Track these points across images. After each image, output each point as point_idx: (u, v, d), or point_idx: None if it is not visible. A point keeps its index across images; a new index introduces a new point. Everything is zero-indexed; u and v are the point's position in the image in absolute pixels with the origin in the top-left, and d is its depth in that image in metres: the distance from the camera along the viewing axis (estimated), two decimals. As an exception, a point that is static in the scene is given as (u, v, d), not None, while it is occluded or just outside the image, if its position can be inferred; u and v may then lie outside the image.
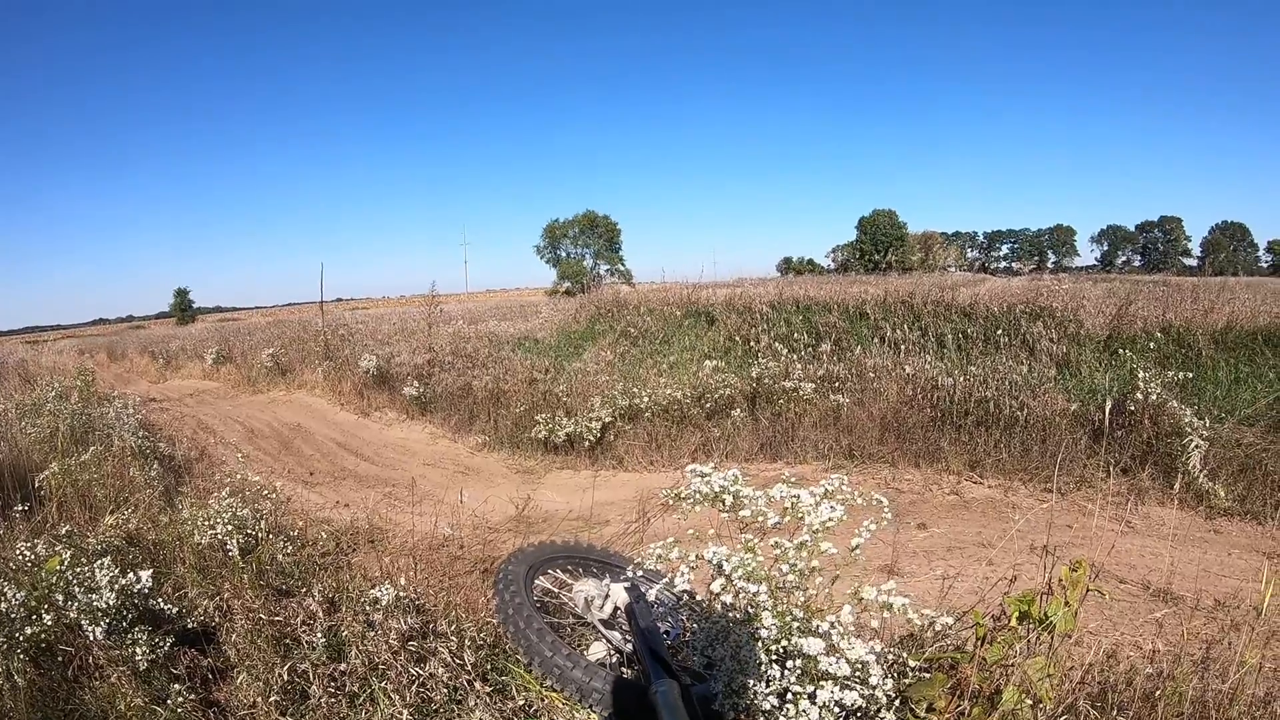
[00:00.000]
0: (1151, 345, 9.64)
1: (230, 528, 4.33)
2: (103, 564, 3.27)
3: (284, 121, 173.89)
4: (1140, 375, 8.11)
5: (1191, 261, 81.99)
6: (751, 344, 12.32)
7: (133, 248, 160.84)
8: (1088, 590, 2.59)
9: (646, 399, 10.50)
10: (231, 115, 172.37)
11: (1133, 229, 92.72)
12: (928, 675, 2.35)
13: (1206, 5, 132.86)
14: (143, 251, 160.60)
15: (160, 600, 3.36)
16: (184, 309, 78.41)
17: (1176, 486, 7.21)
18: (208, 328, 35.85)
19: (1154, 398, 7.89)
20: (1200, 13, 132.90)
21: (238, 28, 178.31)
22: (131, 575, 3.27)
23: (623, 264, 68.07)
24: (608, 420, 10.40)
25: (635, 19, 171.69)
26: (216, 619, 3.44)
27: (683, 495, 2.54)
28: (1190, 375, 8.59)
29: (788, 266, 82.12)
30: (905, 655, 2.37)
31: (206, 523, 4.36)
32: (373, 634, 3.00)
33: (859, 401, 9.75)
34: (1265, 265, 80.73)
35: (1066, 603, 2.45)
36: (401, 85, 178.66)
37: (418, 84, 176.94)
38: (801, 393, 10.02)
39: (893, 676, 2.26)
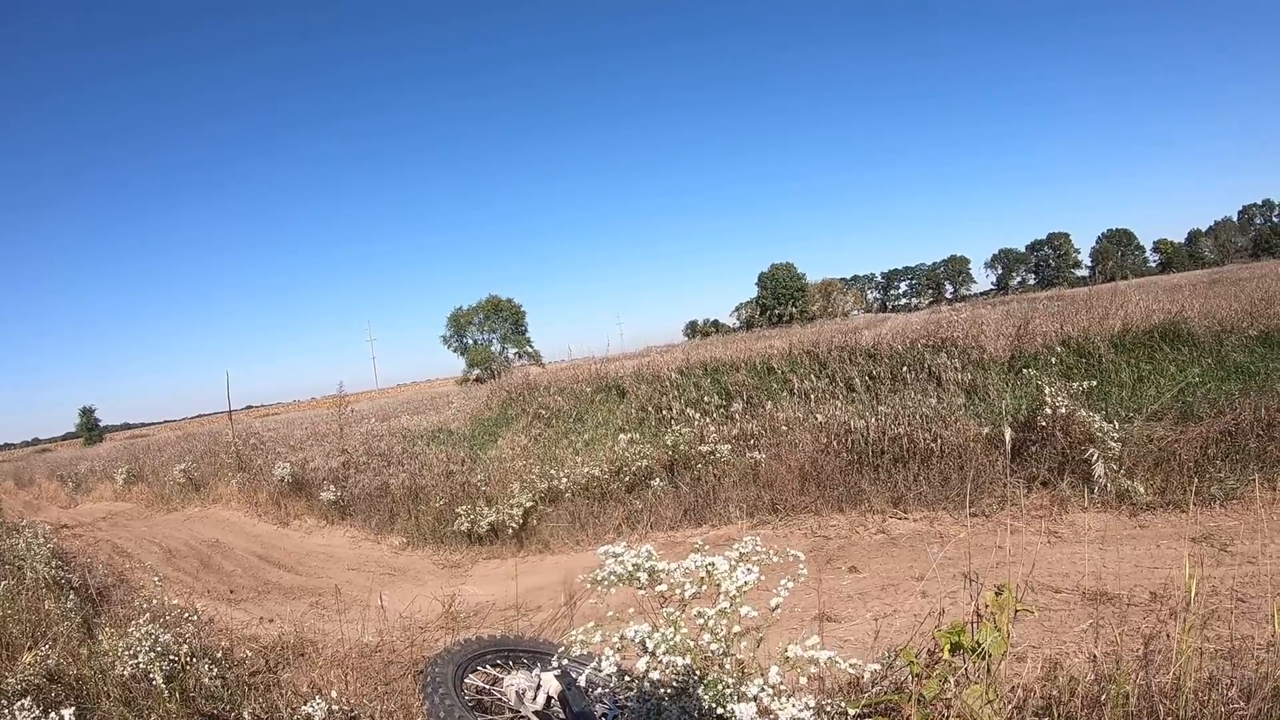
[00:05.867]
0: (1053, 360, 9.95)
1: (152, 655, 4.18)
2: (23, 705, 3.18)
3: (177, 229, 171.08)
4: (1046, 390, 8.35)
5: (1083, 272, 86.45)
6: (664, 412, 12.25)
7: (33, 368, 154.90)
8: (1016, 610, 2.63)
9: (565, 479, 10.42)
10: (125, 225, 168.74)
11: (1024, 249, 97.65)
12: (869, 721, 2.34)
13: (1073, 28, 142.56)
14: (44, 372, 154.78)
15: (86, 739, 3.22)
16: (91, 428, 75.79)
17: (1096, 491, 7.42)
18: (117, 446, 34.48)
19: (1062, 409, 8.11)
20: (1070, 31, 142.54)
21: (125, 129, 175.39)
22: (54, 715, 3.15)
23: (530, 345, 67.26)
24: (529, 505, 10.24)
25: (529, 88, 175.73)
26: (146, 753, 3.28)
27: (598, 579, 2.50)
28: (1094, 383, 8.92)
29: (693, 330, 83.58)
30: (844, 704, 2.35)
31: (128, 652, 4.21)
32: (308, 752, 2.91)
33: (776, 456, 9.76)
34: (1154, 265, 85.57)
35: (996, 627, 2.48)
36: (295, 184, 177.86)
37: (310, 183, 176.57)
38: (718, 454, 10.04)
39: (834, 728, 2.24)
